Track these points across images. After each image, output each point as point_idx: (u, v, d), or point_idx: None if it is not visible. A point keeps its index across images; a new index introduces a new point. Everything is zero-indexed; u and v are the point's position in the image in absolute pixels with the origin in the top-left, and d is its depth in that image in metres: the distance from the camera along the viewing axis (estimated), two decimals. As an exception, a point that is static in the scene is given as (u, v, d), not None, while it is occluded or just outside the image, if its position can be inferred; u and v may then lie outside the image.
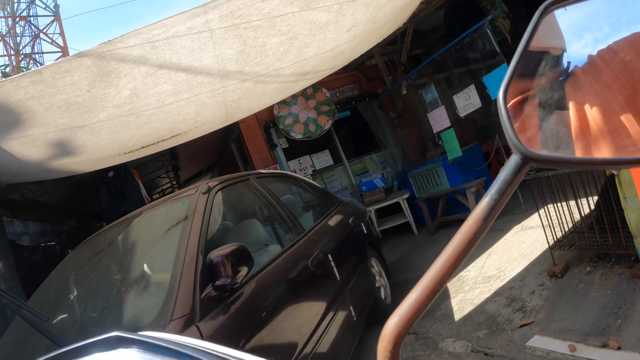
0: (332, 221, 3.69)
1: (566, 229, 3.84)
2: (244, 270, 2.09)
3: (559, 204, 3.77)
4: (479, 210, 0.47)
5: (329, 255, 3.08)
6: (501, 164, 4.63)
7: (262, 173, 3.69)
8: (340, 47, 4.60)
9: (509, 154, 2.80)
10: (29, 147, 3.95)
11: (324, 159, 8.41)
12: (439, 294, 0.46)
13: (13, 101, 3.13)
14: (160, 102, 3.92)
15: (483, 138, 6.99)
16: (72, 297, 2.79)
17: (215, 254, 2.06)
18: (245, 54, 3.74)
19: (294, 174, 4.46)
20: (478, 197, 6.23)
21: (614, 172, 2.83)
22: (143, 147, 5.00)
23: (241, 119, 6.04)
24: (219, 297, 2.08)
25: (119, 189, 7.32)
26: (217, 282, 2.02)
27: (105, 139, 4.31)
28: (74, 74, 3.02)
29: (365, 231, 4.21)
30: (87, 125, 3.85)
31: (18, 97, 3.10)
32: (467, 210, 6.29)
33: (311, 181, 4.51)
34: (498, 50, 5.88)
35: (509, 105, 0.49)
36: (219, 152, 11.15)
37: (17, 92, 3.04)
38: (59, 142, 4.02)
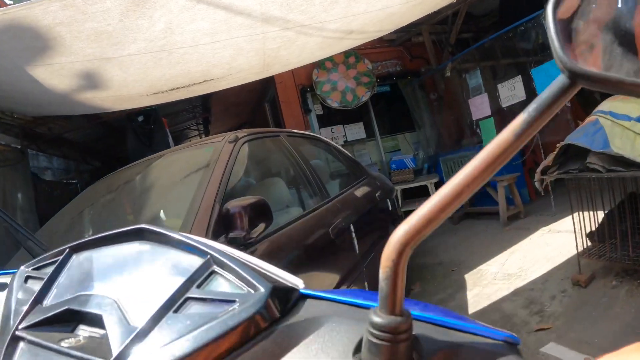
0: (359, 192, 3.58)
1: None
2: (261, 226, 1.96)
3: (592, 212, 3.60)
4: (513, 126, 0.43)
5: (351, 226, 2.98)
6: (537, 163, 4.47)
7: (293, 132, 3.57)
8: (391, 8, 4.37)
9: (547, 153, 2.65)
10: (54, 76, 3.90)
11: (357, 131, 8.27)
12: (454, 209, 0.44)
13: (41, 26, 3.05)
14: (195, 40, 3.80)
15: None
16: (81, 231, 2.75)
17: (233, 204, 1.94)
18: (291, -1, 3.56)
19: (326, 139, 4.32)
20: (509, 192, 6.08)
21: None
22: (173, 89, 4.91)
23: (278, 72, 5.87)
24: (230, 251, 1.98)
25: (146, 134, 7.33)
26: (231, 234, 1.90)
27: (134, 75, 4.22)
28: (107, 0, 2.92)
29: (390, 208, 4.10)
30: (116, 58, 3.76)
31: (47, 22, 3.02)
32: (494, 204, 6.14)
33: (342, 149, 4.39)
34: (551, 44, 5.63)
35: (559, 18, 0.43)
36: (252, 112, 11.08)
37: (46, 16, 2.95)
38: (86, 73, 3.95)
